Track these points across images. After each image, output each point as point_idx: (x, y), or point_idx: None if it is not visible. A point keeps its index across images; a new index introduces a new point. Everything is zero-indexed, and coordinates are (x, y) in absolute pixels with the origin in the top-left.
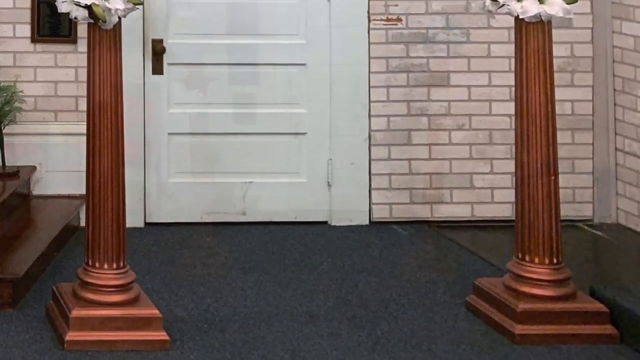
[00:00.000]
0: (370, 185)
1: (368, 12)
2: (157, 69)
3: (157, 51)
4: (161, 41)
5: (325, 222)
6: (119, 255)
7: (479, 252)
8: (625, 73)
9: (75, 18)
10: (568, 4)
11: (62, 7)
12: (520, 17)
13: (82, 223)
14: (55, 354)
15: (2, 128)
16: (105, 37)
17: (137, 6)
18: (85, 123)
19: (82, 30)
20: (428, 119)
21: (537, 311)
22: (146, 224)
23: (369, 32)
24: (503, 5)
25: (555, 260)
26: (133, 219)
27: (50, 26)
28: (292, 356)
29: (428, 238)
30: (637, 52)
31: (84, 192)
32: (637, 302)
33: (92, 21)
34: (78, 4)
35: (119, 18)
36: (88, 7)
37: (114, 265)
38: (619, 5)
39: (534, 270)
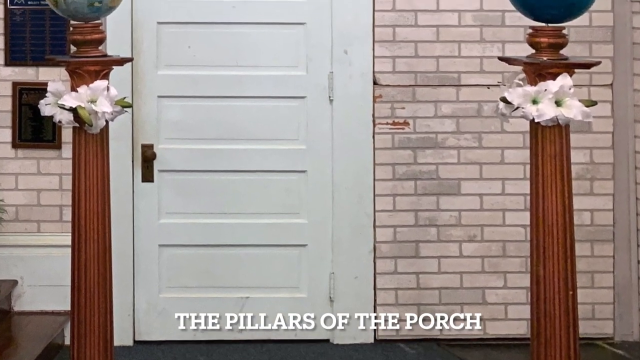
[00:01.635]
0: (375, 300)
1: (373, 115)
2: (147, 176)
3: (147, 157)
4: (151, 146)
5: (327, 340)
6: None
7: None
8: None
9: (60, 122)
10: (587, 106)
11: (46, 110)
12: (536, 120)
13: (67, 341)
14: None
15: None
16: (91, 142)
17: (125, 109)
18: (70, 234)
19: (66, 135)
20: (437, 230)
21: None
22: (135, 342)
23: (373, 136)
24: (517, 108)
25: None
26: (121, 337)
27: (32, 130)
28: None
29: (437, 357)
30: None
31: (69, 308)
32: None
33: (77, 125)
34: (62, 107)
35: (107, 122)
36: (73, 110)
37: None
38: None
39: None
